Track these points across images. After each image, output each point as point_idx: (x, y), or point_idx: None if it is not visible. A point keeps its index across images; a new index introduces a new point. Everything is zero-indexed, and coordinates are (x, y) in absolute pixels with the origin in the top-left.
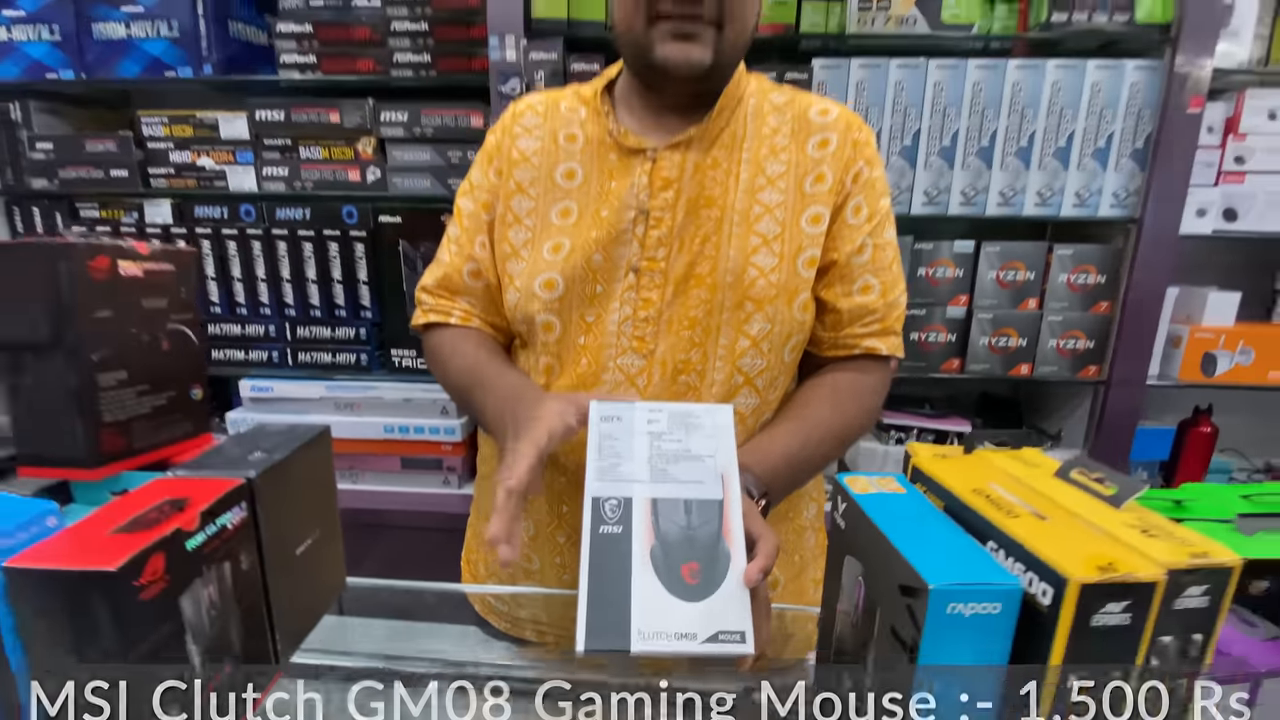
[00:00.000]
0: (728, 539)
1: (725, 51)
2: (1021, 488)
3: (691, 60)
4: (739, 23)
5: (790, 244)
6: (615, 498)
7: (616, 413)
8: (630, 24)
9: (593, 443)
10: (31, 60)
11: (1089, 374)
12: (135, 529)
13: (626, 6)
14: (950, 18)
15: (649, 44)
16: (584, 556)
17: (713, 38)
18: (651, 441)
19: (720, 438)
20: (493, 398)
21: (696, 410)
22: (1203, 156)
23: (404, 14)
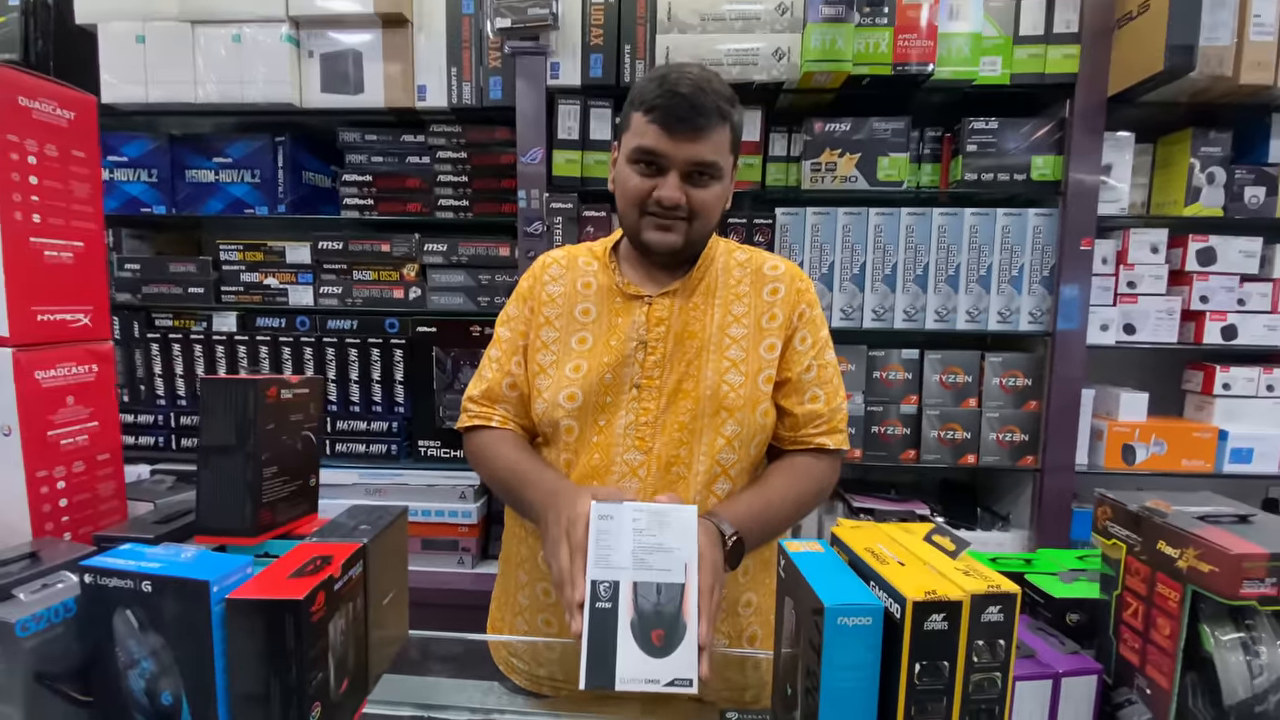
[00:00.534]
0: (685, 614)
1: (693, 237)
2: (897, 547)
3: (668, 243)
4: (704, 219)
5: (752, 366)
6: (607, 581)
7: (610, 512)
8: (627, 213)
9: (592, 536)
10: (130, 197)
11: (1027, 463)
12: (304, 574)
13: (626, 201)
14: (884, 176)
15: (639, 229)
16: (585, 622)
17: (684, 229)
18: (635, 536)
19: (686, 534)
20: (535, 492)
21: (669, 511)
22: (1100, 282)
23: (448, 169)
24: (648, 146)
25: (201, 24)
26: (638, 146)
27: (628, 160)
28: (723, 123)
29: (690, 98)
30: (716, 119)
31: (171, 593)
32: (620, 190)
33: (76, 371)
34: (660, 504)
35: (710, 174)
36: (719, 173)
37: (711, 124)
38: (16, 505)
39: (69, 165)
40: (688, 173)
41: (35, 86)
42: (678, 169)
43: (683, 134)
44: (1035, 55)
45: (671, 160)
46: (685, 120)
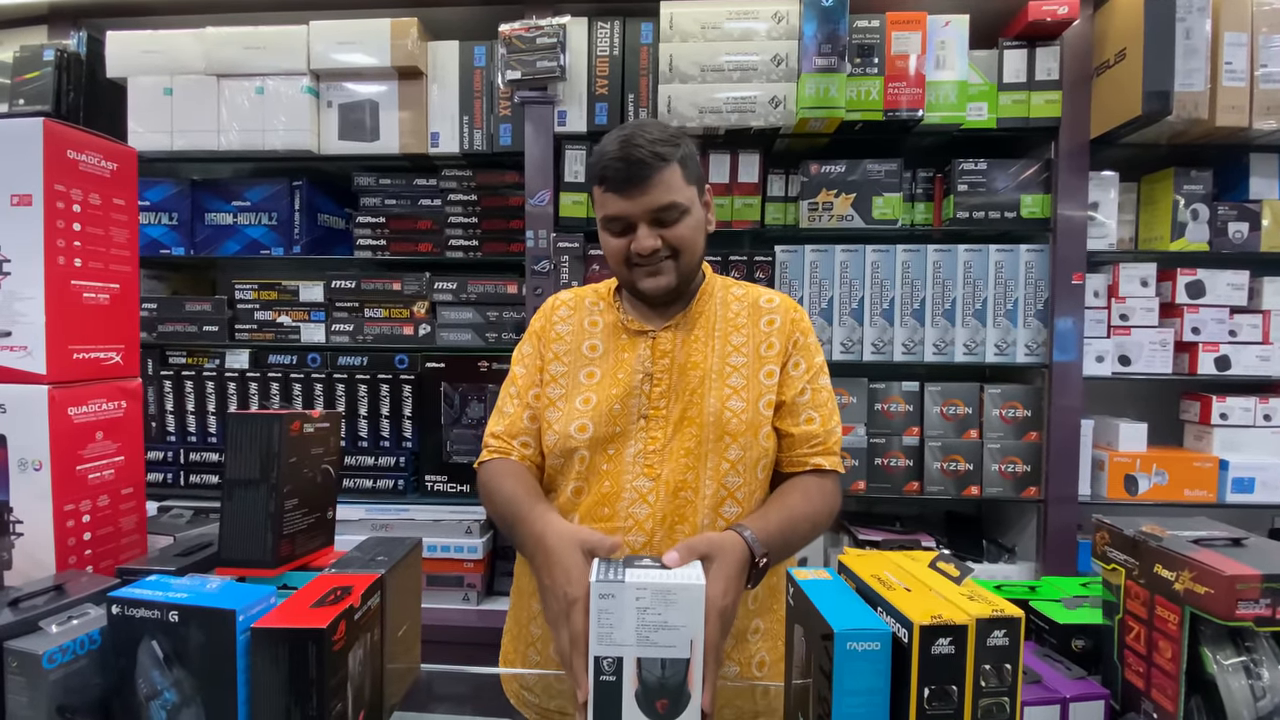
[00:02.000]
0: (690, 684)
1: (682, 272)
2: (902, 573)
3: (661, 287)
4: (686, 253)
5: (753, 392)
6: (610, 657)
7: (611, 591)
8: (618, 270)
9: (594, 613)
10: (149, 239)
11: (1030, 494)
12: (325, 604)
13: (613, 261)
14: (879, 215)
15: (632, 280)
16: (590, 695)
17: (672, 266)
18: (639, 615)
19: (692, 610)
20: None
21: (674, 589)
22: (1093, 315)
23: (459, 211)
24: (611, 214)
25: (226, 77)
26: (604, 216)
27: (603, 229)
28: (664, 164)
29: (625, 158)
30: (659, 164)
31: (198, 622)
32: (606, 254)
33: (107, 407)
34: (665, 580)
35: (675, 213)
36: (683, 209)
37: (653, 172)
38: (43, 537)
39: (110, 212)
40: (654, 220)
41: (83, 140)
42: (643, 220)
43: (633, 190)
44: (1019, 101)
45: (634, 215)
46: (628, 180)
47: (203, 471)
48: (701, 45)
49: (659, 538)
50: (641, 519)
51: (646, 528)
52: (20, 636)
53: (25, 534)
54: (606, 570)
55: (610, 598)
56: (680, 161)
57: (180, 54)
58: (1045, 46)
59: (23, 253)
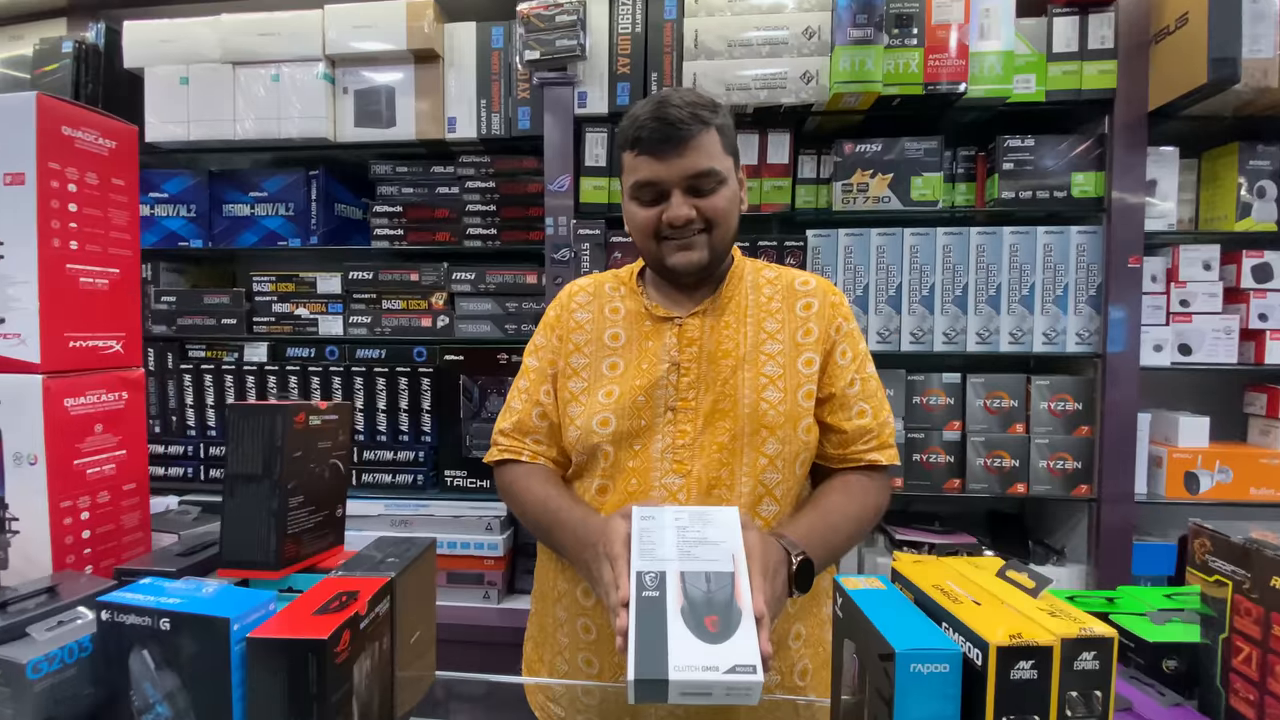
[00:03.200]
0: (739, 599)
1: (716, 248)
2: (968, 584)
3: (692, 262)
4: (721, 226)
5: (790, 381)
6: (653, 571)
7: (652, 514)
8: (645, 245)
9: (635, 535)
10: (168, 231)
11: (1081, 492)
12: (328, 611)
13: (640, 234)
14: (918, 196)
15: (661, 255)
16: (632, 612)
17: (705, 241)
18: (679, 532)
19: (730, 528)
20: (567, 528)
21: (710, 511)
22: (1151, 301)
23: (477, 199)
24: (643, 179)
25: (242, 65)
26: (634, 182)
27: (630, 198)
28: (705, 128)
29: (661, 118)
30: (697, 126)
31: (190, 630)
32: (632, 227)
33: (106, 399)
34: (700, 508)
35: (711, 181)
36: (720, 177)
37: (694, 133)
38: (38, 535)
39: (109, 193)
40: (689, 187)
41: (79, 116)
42: (678, 187)
43: (669, 153)
44: (1070, 72)
45: (668, 181)
46: (666, 139)
47: (223, 465)
48: (728, 19)
49: None
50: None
51: None
52: (7, 643)
53: (21, 532)
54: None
55: (650, 519)
56: (719, 129)
57: (196, 43)
58: (1099, 13)
59: (16, 234)
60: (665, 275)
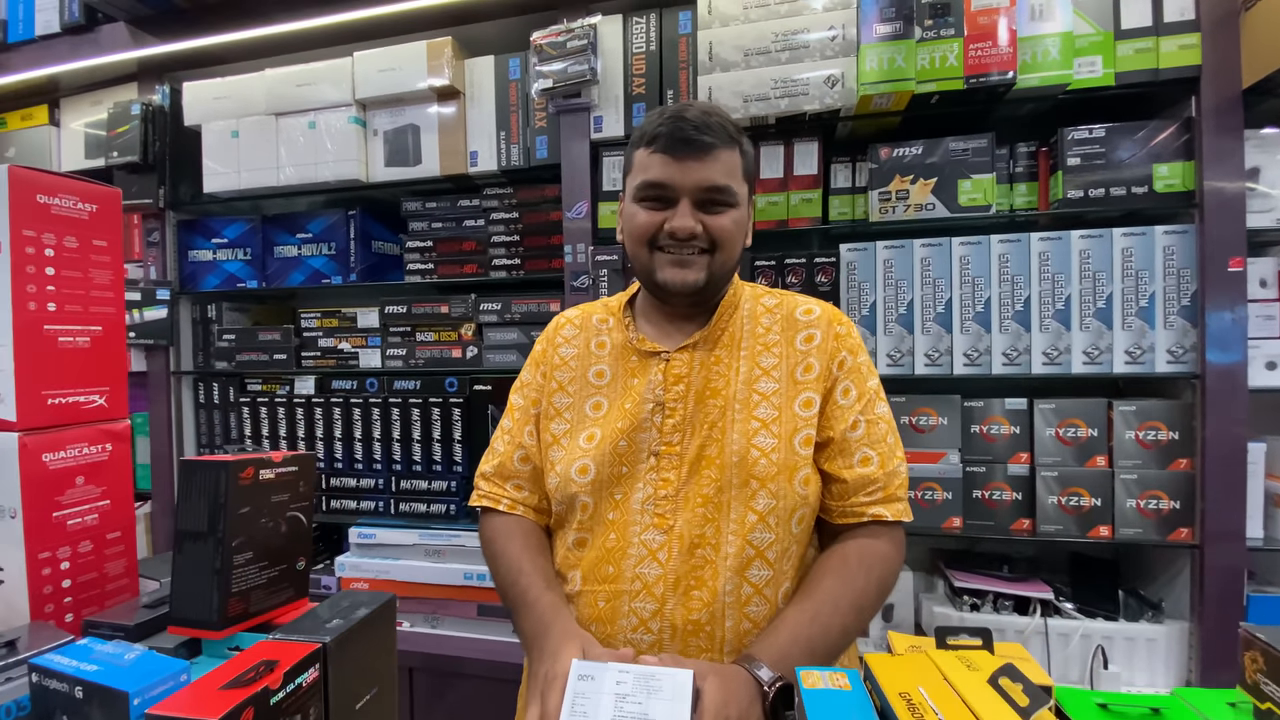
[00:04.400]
0: None
1: (715, 274)
2: (945, 692)
3: (687, 282)
4: (724, 251)
5: (786, 426)
6: None
7: (591, 672)
8: (638, 253)
9: (567, 700)
10: (228, 274)
11: (1180, 537)
12: (236, 685)
13: (636, 239)
14: (968, 201)
15: (653, 267)
16: None
17: (705, 263)
18: (617, 702)
19: (679, 701)
20: (528, 618)
21: (660, 674)
22: (1259, 310)
23: (501, 230)
24: (653, 179)
25: (283, 115)
26: (643, 181)
27: (634, 199)
28: (731, 145)
29: (693, 120)
30: (724, 139)
31: (97, 700)
32: (629, 230)
33: (88, 452)
34: (651, 666)
35: (724, 200)
36: (734, 199)
37: (719, 144)
38: (16, 585)
39: (89, 254)
40: (699, 200)
41: (54, 184)
42: (688, 196)
43: (689, 157)
44: (1144, 50)
45: (680, 188)
46: (690, 142)
47: None
48: (744, 27)
49: (671, 605)
50: (651, 581)
51: (656, 592)
52: None
53: (4, 581)
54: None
55: (589, 679)
56: (743, 153)
57: (245, 97)
58: None
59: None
60: (655, 292)
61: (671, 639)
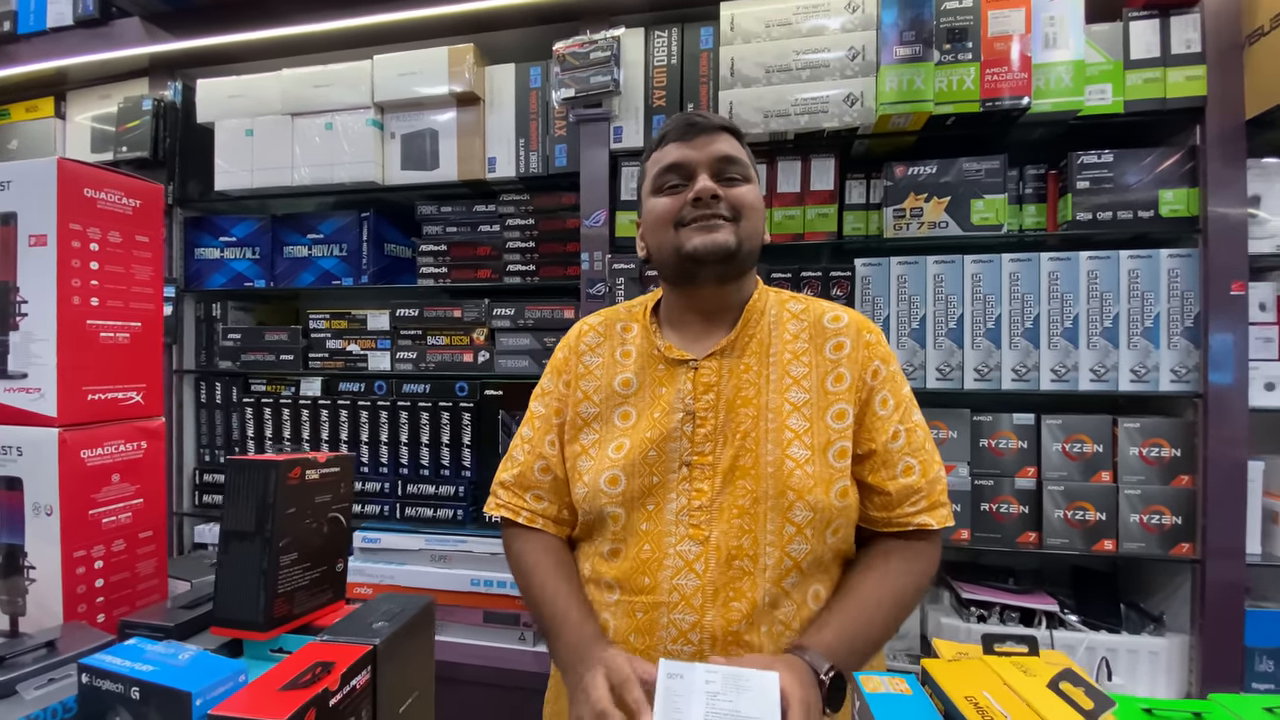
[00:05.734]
0: None
1: (743, 240)
2: (1009, 696)
3: (717, 242)
4: (749, 220)
5: (819, 438)
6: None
7: (680, 671)
8: (663, 238)
9: (659, 697)
10: (235, 272)
11: (1182, 551)
12: (296, 687)
13: (659, 223)
14: (980, 220)
15: (681, 243)
16: None
17: (732, 228)
18: (708, 701)
19: (767, 701)
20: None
21: (747, 675)
22: (1259, 332)
23: (516, 236)
24: (669, 162)
25: (300, 115)
26: (659, 169)
27: (653, 192)
28: (731, 132)
29: (697, 113)
30: (724, 126)
31: (157, 701)
32: (651, 221)
33: (124, 449)
34: (736, 667)
35: (739, 173)
36: (746, 172)
37: (718, 128)
38: (50, 585)
39: (132, 250)
40: (715, 171)
41: (101, 178)
42: (704, 168)
43: (700, 136)
44: (1152, 80)
45: (695, 162)
46: (697, 124)
47: None
48: (766, 45)
49: (710, 616)
50: (689, 593)
51: (695, 603)
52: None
53: (37, 580)
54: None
55: (679, 678)
56: (742, 143)
57: (261, 96)
58: (1181, 14)
59: (39, 294)
60: (685, 268)
61: (712, 648)
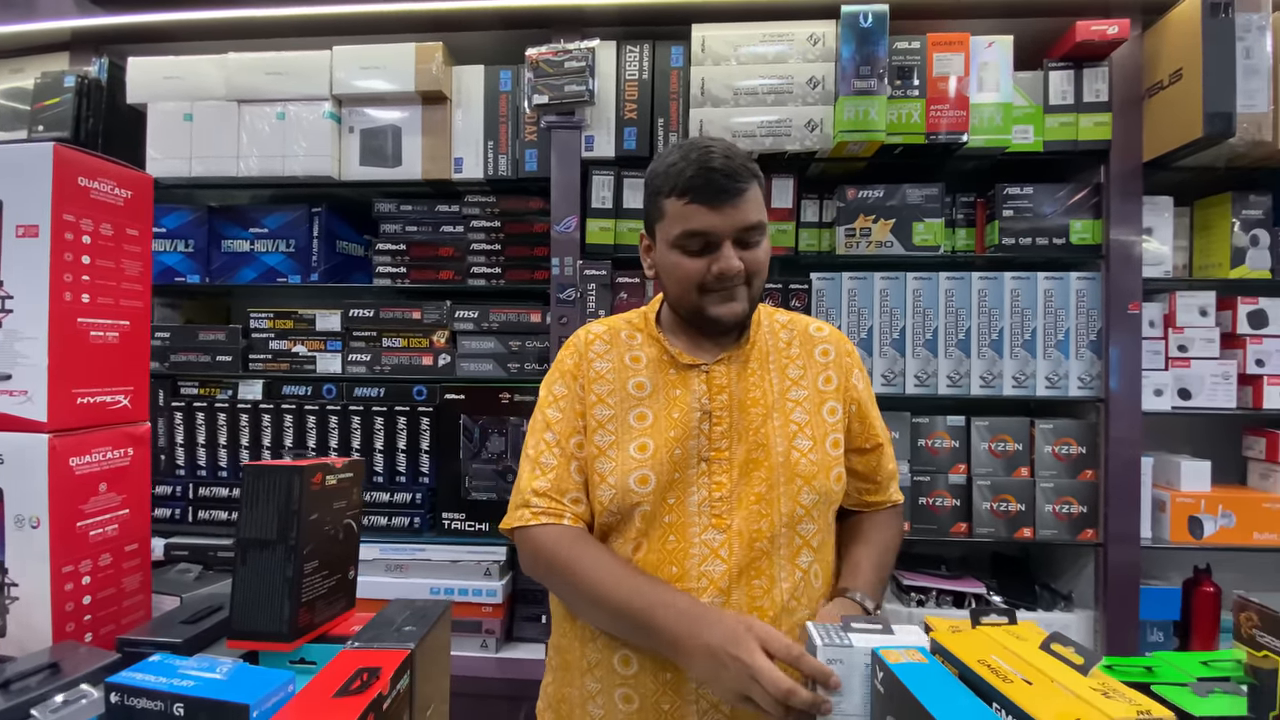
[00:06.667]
0: None
1: (754, 299)
2: (1014, 658)
3: (736, 314)
4: (760, 279)
5: (818, 430)
6: None
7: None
8: (684, 295)
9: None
10: (164, 266)
11: (1088, 536)
12: (349, 693)
13: (682, 285)
14: (920, 241)
15: (703, 306)
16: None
17: (745, 293)
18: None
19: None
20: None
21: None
22: (1150, 346)
23: (482, 238)
24: (696, 229)
25: (247, 103)
26: (684, 231)
27: (674, 246)
28: (755, 180)
29: (723, 170)
30: (750, 179)
31: (206, 717)
32: (673, 277)
33: (111, 456)
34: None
35: (758, 234)
36: (764, 230)
37: (750, 186)
38: (39, 602)
39: (122, 244)
40: (737, 239)
41: (96, 167)
42: (729, 239)
43: (724, 203)
44: (1066, 123)
45: (721, 232)
46: (726, 191)
47: (212, 507)
48: (734, 68)
49: (736, 596)
50: (716, 577)
51: (722, 585)
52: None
53: (21, 598)
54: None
55: (838, 663)
56: (760, 183)
57: (202, 80)
58: (1093, 67)
59: (27, 288)
60: (703, 325)
61: None
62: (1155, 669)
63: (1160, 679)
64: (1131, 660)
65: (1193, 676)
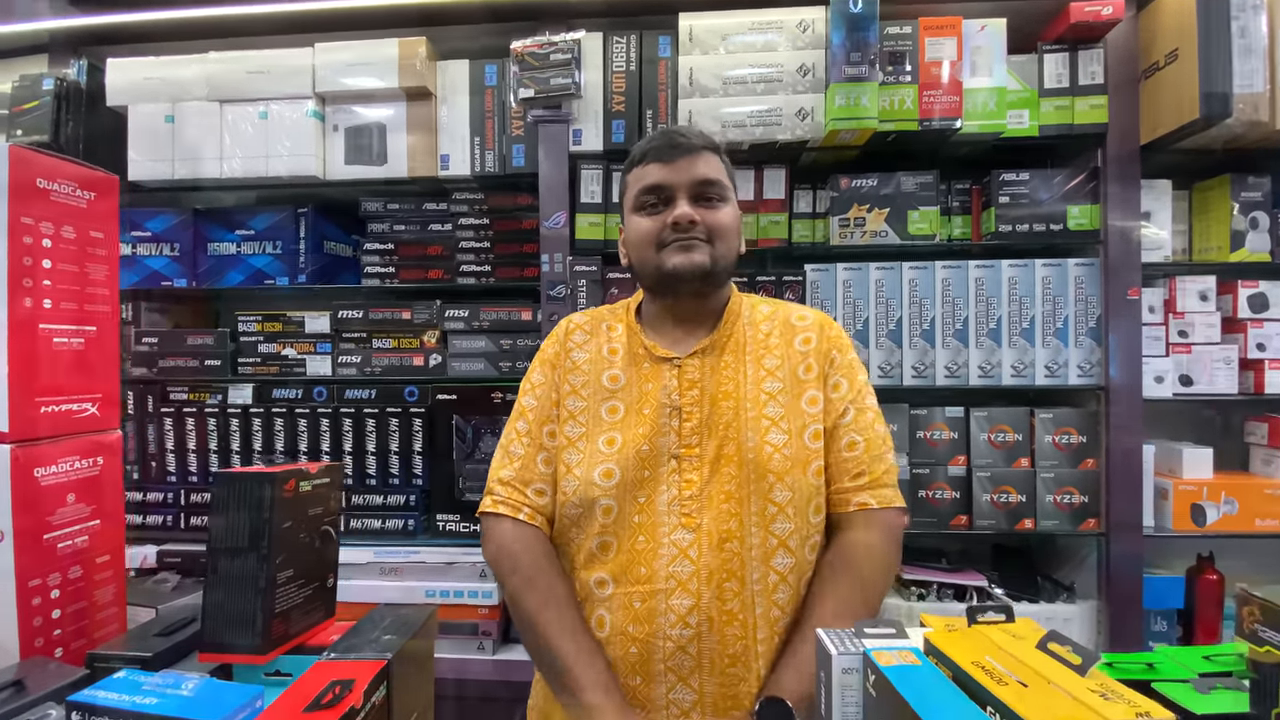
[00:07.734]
0: None
1: (717, 261)
2: (1010, 660)
3: (694, 262)
4: (723, 241)
5: (795, 422)
6: None
7: None
8: (645, 256)
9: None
10: (151, 270)
11: (1090, 526)
12: (320, 708)
13: (642, 243)
14: (916, 230)
15: (661, 263)
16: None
17: (708, 250)
18: None
19: None
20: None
21: None
22: (1150, 332)
23: (470, 236)
24: (650, 183)
25: (229, 103)
26: (640, 188)
27: (634, 210)
28: (713, 151)
29: (677, 131)
30: (706, 145)
31: None
32: (634, 240)
33: (80, 466)
34: None
35: (716, 194)
36: (724, 193)
37: (704, 148)
38: (4, 619)
39: (86, 247)
40: (694, 195)
41: (54, 168)
42: (684, 192)
43: (680, 158)
44: (1062, 107)
45: (676, 185)
46: (678, 147)
47: (204, 513)
48: (723, 57)
49: (706, 598)
50: (685, 578)
51: (691, 587)
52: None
53: None
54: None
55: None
56: (722, 159)
57: (182, 80)
58: (1088, 49)
59: None
60: (665, 285)
61: (710, 630)
62: (1157, 665)
63: (1162, 675)
64: (1132, 657)
65: (1194, 672)
